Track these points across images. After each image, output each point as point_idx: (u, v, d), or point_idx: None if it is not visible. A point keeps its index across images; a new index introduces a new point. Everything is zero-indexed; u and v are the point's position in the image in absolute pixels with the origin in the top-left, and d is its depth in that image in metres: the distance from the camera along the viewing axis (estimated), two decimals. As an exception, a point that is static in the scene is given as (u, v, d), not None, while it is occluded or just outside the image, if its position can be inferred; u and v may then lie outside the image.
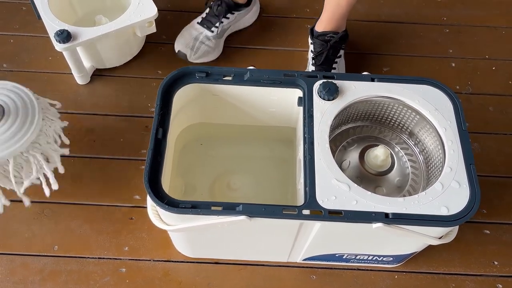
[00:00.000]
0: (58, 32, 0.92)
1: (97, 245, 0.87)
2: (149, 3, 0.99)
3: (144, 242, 0.88)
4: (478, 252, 0.89)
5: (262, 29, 1.19)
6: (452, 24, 1.22)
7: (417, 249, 0.77)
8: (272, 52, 1.16)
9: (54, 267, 0.85)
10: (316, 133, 0.67)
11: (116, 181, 0.95)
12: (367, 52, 1.16)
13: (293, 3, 1.25)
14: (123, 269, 0.85)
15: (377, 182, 0.76)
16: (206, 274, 0.85)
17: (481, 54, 1.16)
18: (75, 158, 0.97)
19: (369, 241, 0.73)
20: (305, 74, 0.73)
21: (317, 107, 0.70)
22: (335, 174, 0.64)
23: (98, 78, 1.09)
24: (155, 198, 0.62)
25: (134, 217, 0.91)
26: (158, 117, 0.70)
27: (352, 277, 0.86)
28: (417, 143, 0.78)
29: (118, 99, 1.06)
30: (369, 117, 0.80)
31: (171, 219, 0.67)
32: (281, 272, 0.86)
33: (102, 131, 1.01)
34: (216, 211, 0.62)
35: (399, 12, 1.24)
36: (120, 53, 1.08)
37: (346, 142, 0.81)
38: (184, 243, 0.83)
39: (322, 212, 0.61)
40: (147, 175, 0.64)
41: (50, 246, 0.87)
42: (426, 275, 0.87)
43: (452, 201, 0.62)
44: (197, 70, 0.74)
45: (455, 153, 0.66)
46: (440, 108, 0.70)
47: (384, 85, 0.73)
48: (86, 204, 0.92)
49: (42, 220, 0.90)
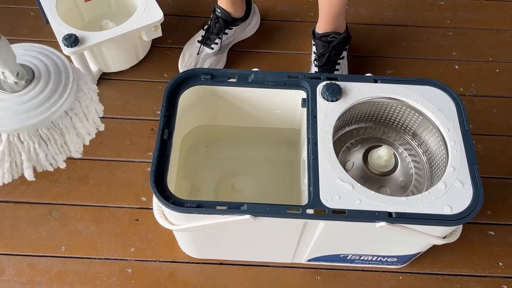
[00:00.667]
0: (66, 37, 0.94)
1: (103, 246, 0.88)
2: (155, 7, 1.01)
3: (150, 243, 0.89)
4: (483, 253, 0.89)
5: (266, 33, 1.21)
6: (455, 27, 1.22)
7: (421, 249, 0.78)
8: (277, 56, 1.17)
9: (61, 267, 0.86)
10: (319, 134, 0.68)
11: (123, 183, 0.96)
12: (371, 55, 1.17)
13: (297, 7, 1.26)
14: (129, 269, 0.86)
15: (381, 182, 0.76)
16: (211, 275, 0.86)
17: (485, 56, 1.17)
18: (82, 160, 0.98)
19: (373, 241, 0.74)
20: (308, 76, 0.74)
21: (320, 108, 0.71)
22: (338, 174, 0.64)
23: (105, 81, 1.10)
24: (161, 197, 0.63)
25: (140, 218, 0.92)
26: (163, 119, 0.71)
27: (357, 278, 0.86)
28: (421, 144, 0.79)
29: (125, 102, 1.07)
30: (372, 118, 0.80)
31: (176, 219, 0.68)
32: (285, 273, 0.86)
33: (108, 133, 1.02)
34: (221, 210, 0.63)
35: (403, 15, 1.25)
36: (127, 57, 1.10)
37: (349, 143, 0.81)
38: (189, 244, 0.84)
39: (326, 212, 0.62)
40: (153, 175, 0.65)
41: (57, 247, 0.88)
42: (431, 276, 0.87)
43: (455, 200, 0.63)
44: (202, 72, 0.75)
45: (458, 153, 0.67)
46: (443, 109, 0.71)
47: (387, 86, 0.73)
48: (92, 206, 0.93)
49: (49, 221, 0.91)
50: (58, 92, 0.61)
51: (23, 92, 0.59)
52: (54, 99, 0.60)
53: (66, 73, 0.63)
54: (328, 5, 0.99)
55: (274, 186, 0.89)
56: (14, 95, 0.59)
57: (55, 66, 0.63)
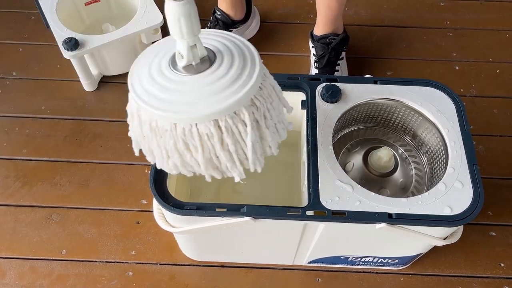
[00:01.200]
0: (66, 40, 0.94)
1: (104, 249, 0.88)
2: (154, 10, 1.01)
3: (151, 246, 0.89)
4: (485, 254, 0.89)
5: (266, 35, 1.21)
6: (455, 28, 1.22)
7: (422, 250, 0.77)
8: (277, 58, 1.17)
9: (62, 270, 0.86)
10: (319, 135, 0.68)
11: (123, 186, 0.96)
12: (371, 56, 1.17)
13: (297, 9, 1.26)
14: (130, 272, 0.86)
15: (381, 183, 0.76)
16: (212, 278, 0.86)
17: (485, 57, 1.17)
18: (82, 163, 0.98)
19: (374, 242, 0.74)
20: (308, 77, 0.74)
21: (320, 110, 0.71)
22: (338, 175, 0.64)
23: (105, 84, 1.11)
24: (160, 200, 0.63)
25: (141, 221, 0.92)
26: (163, 121, 0.70)
27: (358, 280, 0.86)
28: (421, 145, 0.79)
29: (125, 105, 1.05)
30: (372, 119, 0.80)
31: (176, 221, 0.68)
32: (286, 275, 0.86)
33: (109, 136, 1.02)
34: (221, 212, 0.63)
35: (402, 17, 1.25)
36: (127, 60, 1.10)
37: (350, 145, 0.81)
38: (190, 246, 0.84)
39: (326, 213, 0.62)
40: (153, 177, 0.65)
41: (58, 250, 0.88)
42: (432, 277, 0.86)
43: (455, 201, 0.63)
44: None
45: (458, 154, 0.67)
46: (443, 109, 0.71)
47: (386, 88, 0.73)
48: (93, 209, 0.93)
49: (50, 224, 0.91)
50: (242, 79, 0.50)
51: (207, 72, 0.50)
52: (237, 86, 0.50)
53: (249, 52, 0.53)
54: (326, 7, 0.99)
55: (275, 188, 0.89)
56: (198, 76, 0.50)
57: (236, 46, 0.54)
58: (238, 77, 0.50)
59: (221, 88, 0.49)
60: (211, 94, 0.49)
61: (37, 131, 1.03)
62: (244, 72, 0.51)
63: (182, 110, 0.48)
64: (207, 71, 0.50)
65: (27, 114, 1.06)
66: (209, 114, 0.48)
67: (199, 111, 0.48)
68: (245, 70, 0.51)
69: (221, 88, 0.49)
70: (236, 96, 0.49)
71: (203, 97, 0.48)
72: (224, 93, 0.49)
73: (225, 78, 0.50)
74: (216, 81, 0.49)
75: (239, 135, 0.52)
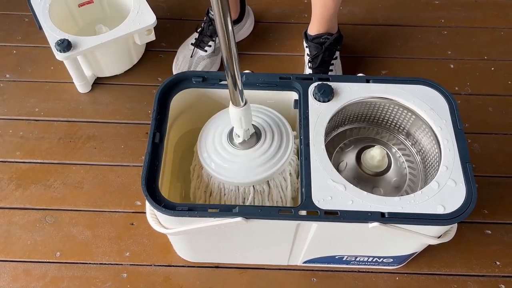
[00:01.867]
0: (59, 42, 0.94)
1: (98, 250, 0.88)
2: (148, 11, 1.01)
3: (145, 248, 0.89)
4: (480, 252, 0.89)
5: (260, 35, 1.21)
6: (450, 26, 1.22)
7: (417, 249, 0.77)
8: (271, 58, 1.17)
9: (56, 273, 0.86)
10: (311, 135, 0.68)
11: (117, 187, 0.95)
12: (365, 55, 1.17)
13: (291, 9, 1.26)
14: (125, 274, 0.86)
15: (374, 182, 0.76)
16: (207, 279, 0.85)
17: (480, 55, 1.17)
18: (76, 165, 0.98)
19: (368, 242, 0.73)
20: (300, 77, 0.74)
21: (312, 109, 0.70)
22: (331, 174, 0.64)
23: (99, 86, 1.10)
24: (152, 201, 0.63)
25: (135, 222, 0.91)
26: (155, 122, 0.70)
27: (353, 279, 0.85)
28: (414, 144, 0.78)
29: (119, 106, 1.07)
30: (365, 118, 0.80)
31: (169, 223, 0.68)
32: (281, 275, 0.86)
33: (103, 138, 1.02)
34: (213, 213, 0.62)
35: (397, 15, 1.24)
36: (120, 61, 1.09)
37: (343, 144, 0.81)
38: (184, 247, 0.84)
39: (318, 213, 0.61)
40: (145, 179, 0.64)
41: (52, 252, 0.88)
42: (428, 276, 0.86)
43: (448, 199, 0.62)
44: (194, 75, 0.75)
45: (451, 152, 0.66)
46: (435, 108, 0.71)
47: (379, 86, 0.73)
48: (87, 211, 0.93)
49: (44, 227, 0.91)
50: (283, 147, 0.70)
51: (256, 147, 0.69)
52: (280, 153, 0.70)
53: (285, 129, 0.73)
54: (322, 6, 0.98)
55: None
56: (250, 150, 0.69)
57: (274, 122, 0.73)
58: (278, 150, 0.70)
59: (267, 159, 0.69)
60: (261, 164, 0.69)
61: (30, 133, 1.03)
62: (282, 145, 0.70)
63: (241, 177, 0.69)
64: (256, 146, 0.70)
65: (21, 116, 1.05)
66: (263, 178, 0.69)
67: (255, 177, 0.69)
68: (282, 144, 0.71)
69: (262, 162, 0.69)
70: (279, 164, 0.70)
71: (256, 166, 0.69)
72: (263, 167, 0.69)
73: (269, 151, 0.69)
74: (263, 154, 0.69)
75: (280, 188, 0.73)
